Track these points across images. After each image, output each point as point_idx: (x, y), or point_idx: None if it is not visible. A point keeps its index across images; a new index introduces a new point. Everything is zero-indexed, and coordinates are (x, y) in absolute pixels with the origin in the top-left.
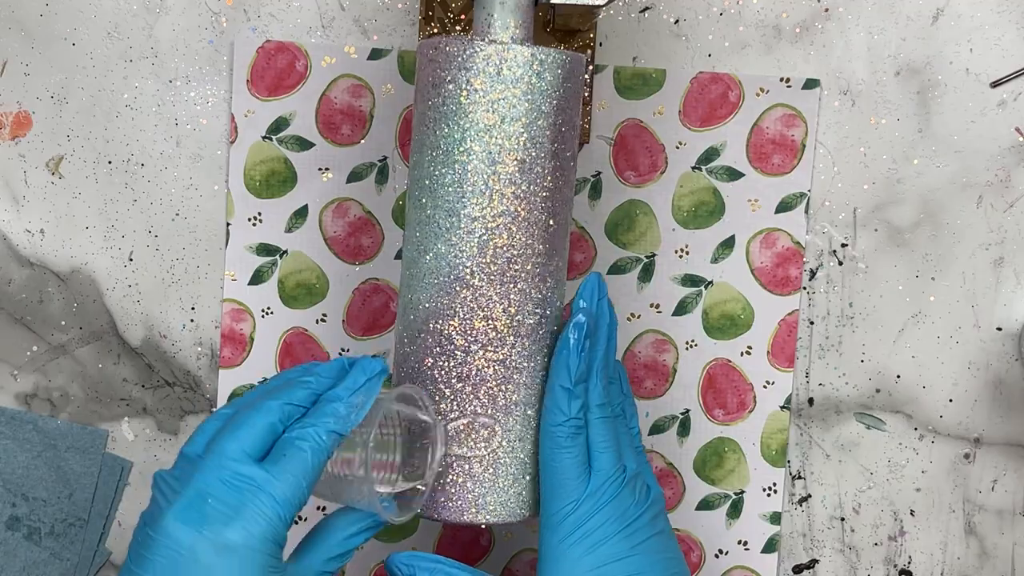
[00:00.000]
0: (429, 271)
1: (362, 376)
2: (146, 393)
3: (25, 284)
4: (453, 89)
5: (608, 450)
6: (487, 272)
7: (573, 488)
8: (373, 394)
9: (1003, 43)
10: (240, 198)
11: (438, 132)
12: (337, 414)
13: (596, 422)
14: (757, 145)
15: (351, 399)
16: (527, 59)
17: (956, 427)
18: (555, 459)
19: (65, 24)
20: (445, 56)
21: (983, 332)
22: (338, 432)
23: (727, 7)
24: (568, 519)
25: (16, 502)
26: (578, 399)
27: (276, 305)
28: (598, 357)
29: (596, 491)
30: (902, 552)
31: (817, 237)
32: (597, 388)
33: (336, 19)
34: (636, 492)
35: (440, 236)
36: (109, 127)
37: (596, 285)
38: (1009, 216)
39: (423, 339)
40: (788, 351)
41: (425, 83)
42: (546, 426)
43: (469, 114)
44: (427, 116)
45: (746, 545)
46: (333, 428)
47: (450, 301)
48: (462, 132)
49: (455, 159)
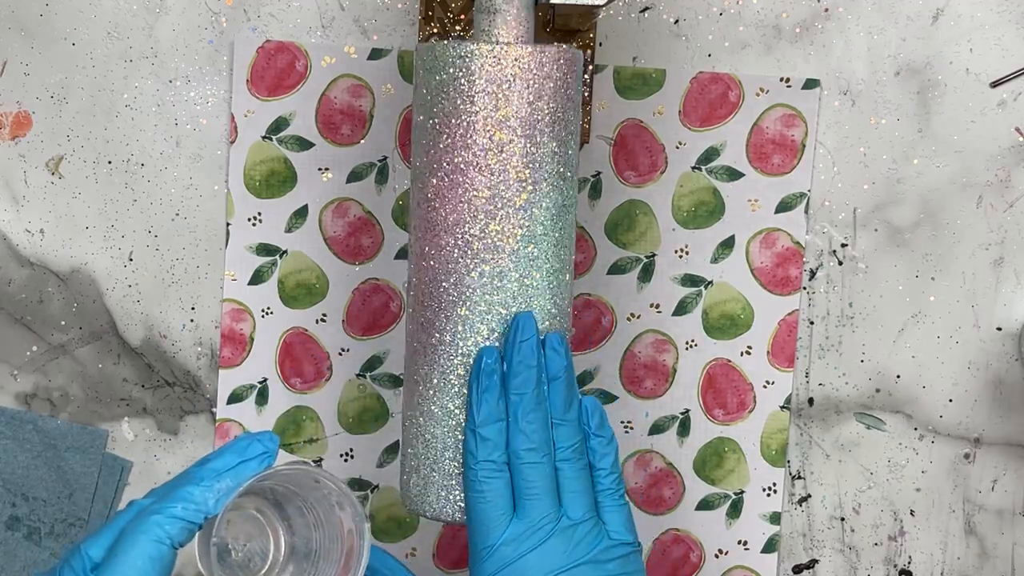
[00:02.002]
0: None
1: (234, 457)
2: (146, 393)
3: (25, 284)
4: (451, 91)
5: (534, 497)
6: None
7: (490, 531)
8: (244, 476)
9: (1003, 43)
10: (240, 198)
11: (438, 133)
12: (189, 499)
13: (520, 467)
14: (757, 145)
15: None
16: (526, 59)
17: (956, 427)
18: (470, 501)
19: (65, 24)
20: (443, 59)
21: (983, 332)
22: (187, 520)
23: (727, 7)
24: (486, 562)
25: (16, 502)
26: (487, 441)
27: (276, 305)
28: (523, 400)
29: (516, 537)
30: (902, 552)
31: (817, 237)
32: (521, 433)
33: (336, 19)
34: (575, 540)
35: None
36: (109, 127)
37: (519, 328)
38: (1009, 216)
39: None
40: (788, 351)
41: (423, 86)
42: (464, 468)
43: (469, 115)
44: (427, 117)
45: (746, 545)
46: (180, 515)
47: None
48: (462, 133)
49: (456, 160)
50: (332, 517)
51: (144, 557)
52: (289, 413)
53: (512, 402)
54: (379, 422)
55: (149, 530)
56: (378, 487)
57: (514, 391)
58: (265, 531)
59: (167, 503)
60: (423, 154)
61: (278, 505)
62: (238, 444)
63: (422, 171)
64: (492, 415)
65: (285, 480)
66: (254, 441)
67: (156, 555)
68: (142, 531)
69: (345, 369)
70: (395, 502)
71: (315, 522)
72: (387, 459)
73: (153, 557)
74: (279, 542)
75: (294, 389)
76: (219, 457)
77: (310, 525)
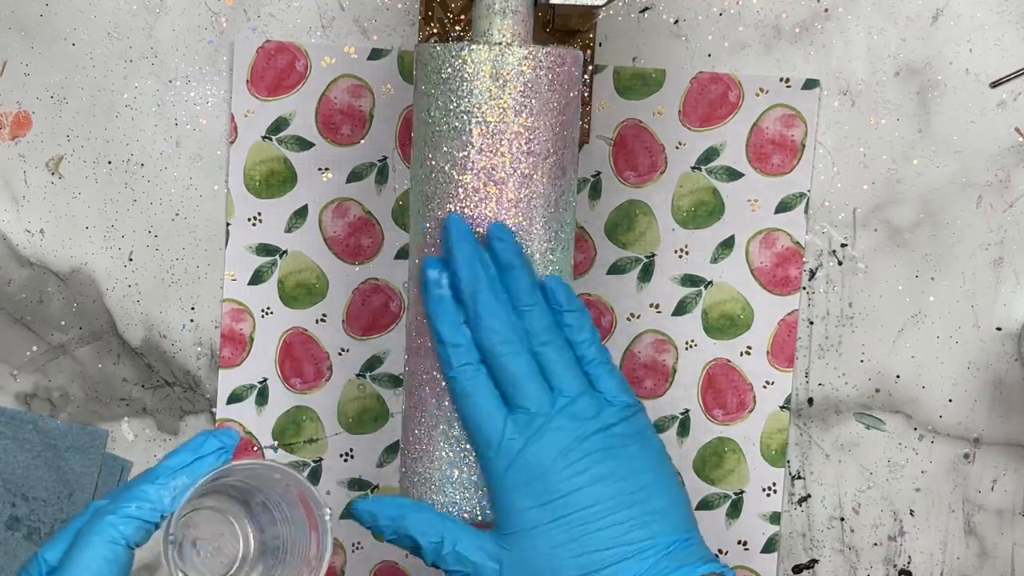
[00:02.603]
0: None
1: (188, 455)
2: (146, 393)
3: (25, 284)
4: (451, 92)
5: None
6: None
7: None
8: (198, 472)
9: (1003, 43)
10: (240, 198)
11: (438, 134)
12: (143, 497)
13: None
14: (757, 145)
15: (167, 479)
16: (526, 59)
17: (956, 427)
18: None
19: (65, 24)
20: (442, 60)
21: (983, 332)
22: (141, 519)
23: (727, 7)
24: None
25: (16, 502)
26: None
27: (276, 305)
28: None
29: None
30: (902, 552)
31: (817, 237)
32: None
33: (336, 19)
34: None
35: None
36: (109, 127)
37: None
38: (1009, 216)
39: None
40: (788, 351)
41: (423, 86)
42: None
43: (469, 115)
44: (426, 118)
45: (746, 545)
46: (134, 514)
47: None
48: (461, 134)
49: (456, 161)
50: (296, 512)
51: (98, 558)
52: (289, 413)
53: (468, 303)
54: (379, 422)
55: (103, 531)
56: (378, 487)
57: (467, 291)
58: (233, 529)
59: (121, 503)
60: (423, 154)
61: (244, 503)
62: (194, 441)
63: (422, 171)
64: (455, 321)
65: (245, 476)
66: (210, 437)
67: (111, 556)
68: (96, 532)
69: (345, 369)
70: None
71: (281, 518)
72: (387, 459)
73: (108, 558)
74: (248, 539)
75: (294, 389)
76: (175, 455)
77: (276, 521)
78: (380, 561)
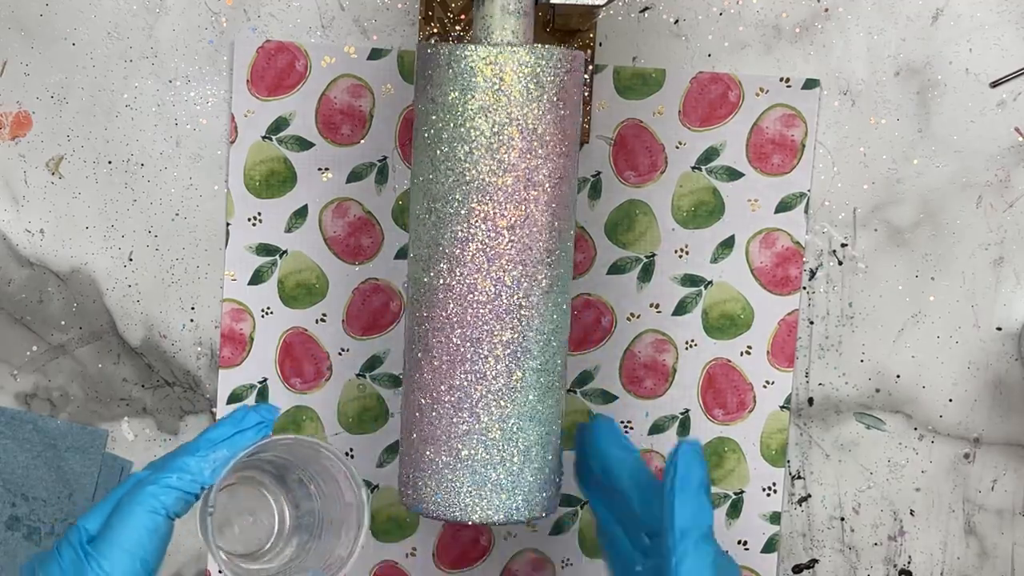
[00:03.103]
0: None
1: (229, 428)
2: (146, 393)
3: (25, 284)
4: (453, 91)
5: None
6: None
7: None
8: (239, 447)
9: (1003, 43)
10: (240, 198)
11: (438, 134)
12: (184, 469)
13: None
14: (757, 145)
15: (209, 452)
16: (526, 60)
17: (956, 427)
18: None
19: (65, 24)
20: (443, 59)
21: (983, 332)
22: (182, 490)
23: (727, 7)
24: None
25: (16, 502)
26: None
27: (276, 305)
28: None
29: None
30: (902, 552)
31: (817, 237)
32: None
33: (336, 19)
34: None
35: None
36: (109, 127)
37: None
38: (1009, 216)
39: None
40: (788, 351)
41: (425, 84)
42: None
43: (469, 115)
44: (428, 117)
45: (746, 545)
46: (175, 485)
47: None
48: (463, 133)
49: (456, 160)
50: (332, 488)
51: (139, 528)
52: (289, 413)
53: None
54: (379, 422)
55: (144, 501)
56: (378, 487)
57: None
58: (268, 504)
59: (162, 474)
60: (424, 153)
61: (280, 478)
62: (235, 415)
63: (422, 170)
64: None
65: (284, 451)
66: (251, 412)
67: (151, 526)
68: (137, 502)
69: (345, 369)
70: (395, 502)
71: (316, 493)
72: (387, 459)
73: (148, 528)
74: (283, 514)
75: (294, 389)
76: (216, 428)
77: (311, 496)
78: (380, 561)
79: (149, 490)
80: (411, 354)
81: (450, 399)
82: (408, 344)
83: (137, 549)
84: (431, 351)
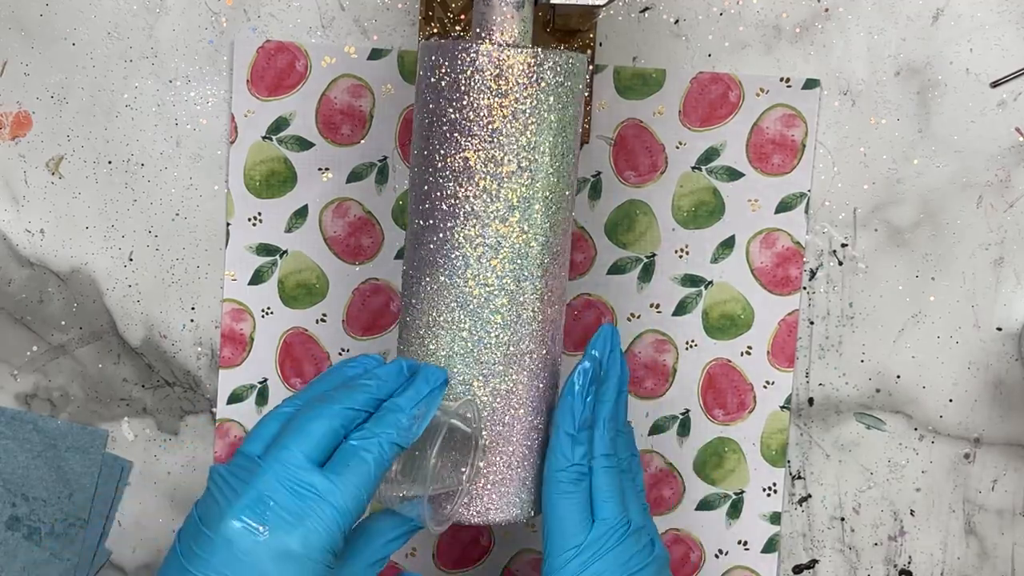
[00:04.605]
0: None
1: (425, 386)
2: (146, 393)
3: (25, 284)
4: (454, 90)
5: (612, 499)
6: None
7: (575, 534)
8: (434, 405)
9: (1003, 43)
10: (240, 198)
11: (438, 133)
12: (399, 425)
13: (601, 471)
14: (757, 145)
15: (413, 410)
16: (527, 60)
17: (956, 427)
18: (558, 504)
19: (65, 24)
20: (446, 57)
21: (983, 332)
22: (399, 444)
23: (727, 7)
24: (570, 564)
25: (16, 502)
26: (581, 445)
27: (276, 305)
28: (606, 407)
29: (599, 539)
30: (902, 552)
31: (817, 237)
32: (604, 438)
33: (336, 19)
34: (640, 544)
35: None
36: (109, 127)
37: (609, 336)
38: (1009, 216)
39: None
40: (788, 351)
41: (426, 84)
42: (549, 470)
43: (470, 115)
44: (427, 117)
45: (746, 545)
46: (395, 440)
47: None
48: (463, 133)
49: (456, 160)
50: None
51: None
52: None
53: (597, 409)
54: None
55: (374, 450)
56: None
57: (600, 398)
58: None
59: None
60: (424, 153)
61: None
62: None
63: (421, 170)
64: (588, 420)
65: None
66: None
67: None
68: (370, 450)
69: None
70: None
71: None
72: None
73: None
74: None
75: (294, 389)
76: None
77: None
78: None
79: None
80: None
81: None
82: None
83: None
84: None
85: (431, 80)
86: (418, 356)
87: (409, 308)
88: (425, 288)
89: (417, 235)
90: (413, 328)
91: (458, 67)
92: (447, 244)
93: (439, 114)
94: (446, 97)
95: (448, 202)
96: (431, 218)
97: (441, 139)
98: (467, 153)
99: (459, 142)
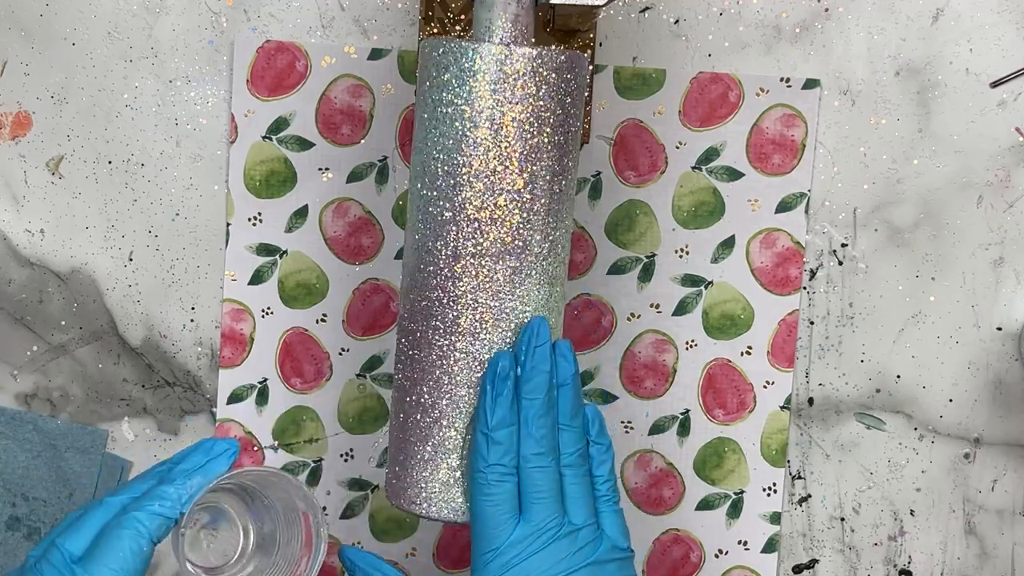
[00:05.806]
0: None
1: (201, 457)
2: (146, 393)
3: (25, 284)
4: (454, 90)
5: (541, 500)
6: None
7: (496, 534)
8: (211, 476)
9: (1003, 43)
10: (240, 198)
11: (439, 133)
12: (165, 497)
13: (529, 471)
14: (757, 145)
15: (187, 481)
16: (527, 60)
17: (956, 427)
18: (477, 503)
19: (65, 24)
20: (446, 57)
21: (983, 332)
22: (164, 515)
23: (727, 7)
24: (489, 567)
25: (16, 502)
26: (499, 445)
27: (276, 305)
28: (534, 404)
29: (521, 541)
30: (902, 552)
31: (817, 237)
32: (532, 436)
33: (336, 19)
34: (579, 544)
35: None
36: (109, 127)
37: (534, 332)
38: (1009, 216)
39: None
40: (788, 351)
41: (426, 84)
42: (470, 471)
43: (470, 115)
44: (428, 116)
45: (746, 545)
46: (157, 511)
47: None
48: (463, 133)
49: (456, 160)
50: (293, 515)
51: (127, 551)
52: (289, 413)
53: (524, 406)
54: (379, 422)
55: (131, 526)
56: (378, 487)
57: (526, 395)
58: (235, 524)
59: (147, 502)
60: (424, 152)
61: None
62: (203, 445)
63: (422, 169)
64: (505, 419)
65: (252, 479)
66: (218, 441)
67: (137, 549)
68: (124, 526)
69: (345, 369)
70: None
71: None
72: (387, 459)
73: (134, 551)
74: (248, 534)
75: (294, 389)
76: (187, 457)
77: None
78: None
79: (135, 516)
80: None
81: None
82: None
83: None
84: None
85: (431, 80)
86: (418, 356)
87: (404, 303)
88: (422, 283)
89: (416, 236)
90: (405, 326)
91: (458, 67)
92: (447, 245)
93: (440, 113)
94: (446, 97)
95: (448, 202)
96: (431, 219)
97: (444, 138)
98: (471, 152)
99: (462, 141)
